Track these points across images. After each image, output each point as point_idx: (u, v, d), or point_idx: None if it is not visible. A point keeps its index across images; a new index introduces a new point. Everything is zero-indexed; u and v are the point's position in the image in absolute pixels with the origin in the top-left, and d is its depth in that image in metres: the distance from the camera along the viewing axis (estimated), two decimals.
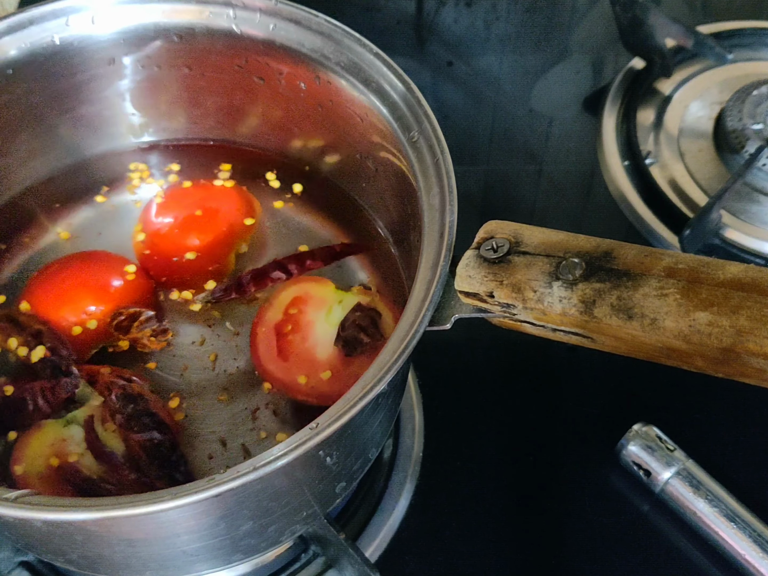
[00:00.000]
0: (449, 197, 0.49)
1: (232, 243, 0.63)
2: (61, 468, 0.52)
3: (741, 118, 0.81)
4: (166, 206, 0.65)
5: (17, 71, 0.59)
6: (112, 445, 0.53)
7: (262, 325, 0.58)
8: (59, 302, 0.59)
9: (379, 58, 0.55)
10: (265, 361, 0.57)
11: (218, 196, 0.65)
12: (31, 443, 0.53)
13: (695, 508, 0.60)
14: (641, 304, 0.41)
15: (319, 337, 0.57)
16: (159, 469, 0.52)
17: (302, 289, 0.59)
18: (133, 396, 0.55)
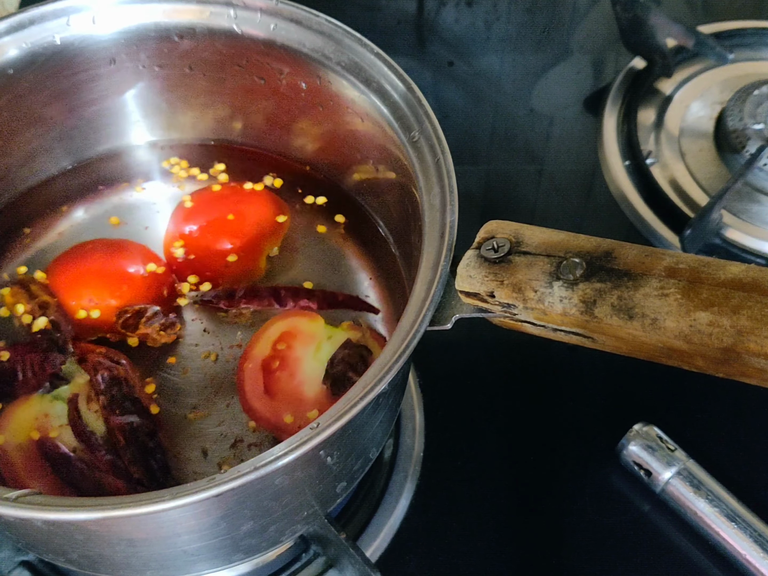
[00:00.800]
0: (450, 197, 0.49)
1: (263, 247, 0.63)
2: (41, 442, 0.53)
3: (742, 117, 0.81)
4: (195, 209, 0.64)
5: (18, 71, 0.59)
6: (93, 425, 0.54)
7: (249, 360, 0.56)
8: (72, 282, 0.60)
9: (379, 58, 0.55)
10: (251, 398, 0.55)
11: (248, 198, 0.65)
12: (15, 414, 0.54)
13: (696, 508, 0.60)
14: (642, 304, 0.41)
15: (307, 374, 0.55)
16: (134, 454, 0.53)
17: (291, 323, 0.57)
18: (118, 379, 0.55)
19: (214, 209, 0.64)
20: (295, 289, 0.60)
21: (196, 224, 0.63)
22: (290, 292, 0.60)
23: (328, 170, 0.66)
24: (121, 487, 0.52)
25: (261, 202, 0.65)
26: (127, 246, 0.62)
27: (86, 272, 0.60)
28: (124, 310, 0.58)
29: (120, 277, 0.60)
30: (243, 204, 0.64)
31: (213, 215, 0.64)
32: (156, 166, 0.68)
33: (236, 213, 0.63)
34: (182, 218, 0.64)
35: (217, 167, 0.67)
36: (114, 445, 0.53)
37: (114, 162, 0.68)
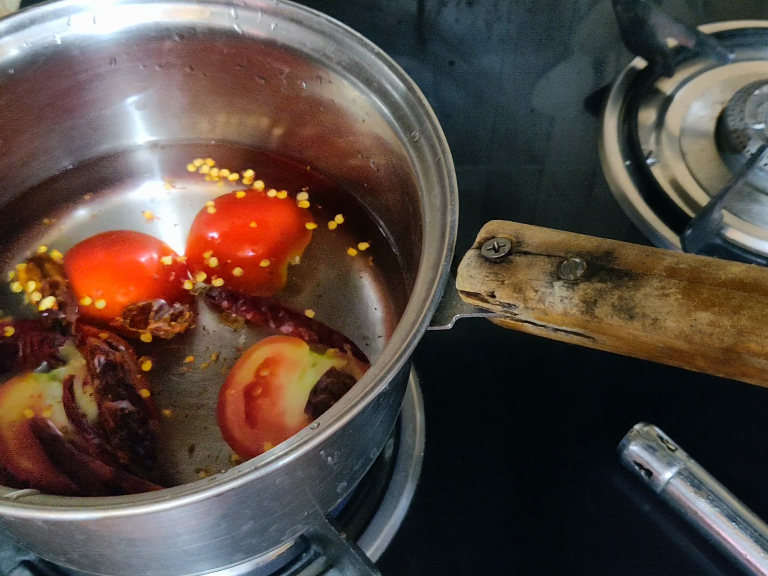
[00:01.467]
0: (450, 197, 0.49)
1: (285, 256, 0.62)
2: (34, 421, 0.54)
3: (742, 117, 0.81)
4: (218, 215, 0.64)
5: (19, 71, 0.59)
6: (86, 407, 0.54)
7: (231, 387, 0.55)
8: (84, 268, 0.61)
9: (380, 58, 0.55)
10: (231, 427, 0.54)
11: (272, 206, 0.65)
12: (11, 391, 0.55)
13: (696, 508, 0.60)
14: (642, 304, 0.41)
15: (290, 402, 0.54)
16: (123, 440, 0.53)
17: (276, 349, 0.56)
18: (114, 364, 0.56)
19: (237, 216, 0.64)
20: (296, 313, 0.59)
21: (219, 230, 0.63)
22: (289, 315, 0.59)
23: (329, 170, 0.66)
24: (106, 471, 0.52)
25: (284, 210, 0.65)
26: (146, 242, 0.63)
27: (99, 263, 0.61)
28: (129, 308, 0.59)
29: (130, 275, 0.60)
30: (267, 211, 0.64)
31: (236, 222, 0.63)
32: (156, 166, 0.68)
33: (260, 220, 0.63)
34: (205, 223, 0.64)
35: (247, 173, 0.67)
36: (104, 429, 0.54)
37: (115, 162, 0.68)
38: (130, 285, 0.60)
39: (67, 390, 0.55)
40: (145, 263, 0.61)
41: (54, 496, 0.40)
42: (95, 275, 0.61)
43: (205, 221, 0.64)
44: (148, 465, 0.53)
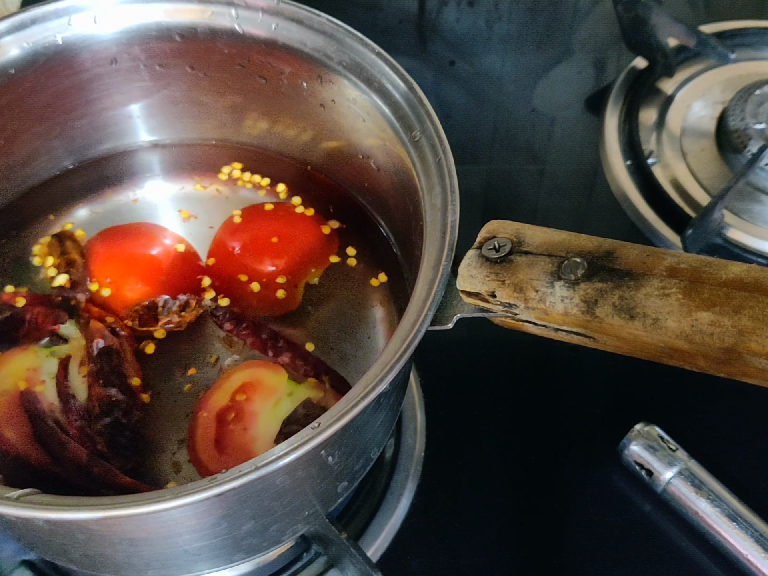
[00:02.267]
0: (451, 197, 0.49)
1: (303, 275, 0.62)
2: (25, 393, 0.54)
3: (743, 117, 0.81)
4: (243, 225, 0.64)
5: (19, 71, 0.59)
6: (77, 388, 0.55)
7: (205, 409, 0.55)
8: (102, 255, 0.62)
9: (381, 58, 0.55)
10: (199, 450, 0.53)
11: (298, 222, 0.64)
12: (10, 361, 0.56)
13: (697, 508, 0.60)
14: (643, 304, 0.41)
15: (261, 431, 0.53)
16: (105, 426, 0.53)
17: (255, 374, 0.56)
18: (110, 350, 0.56)
19: (261, 228, 0.63)
20: (296, 345, 0.58)
21: (241, 241, 0.63)
22: (288, 345, 0.58)
23: (329, 170, 0.66)
24: (82, 454, 0.52)
25: (310, 228, 0.64)
26: (168, 240, 0.63)
27: (116, 253, 0.62)
28: (135, 309, 0.59)
29: (142, 272, 0.61)
30: (292, 227, 0.64)
31: (259, 234, 0.63)
32: (158, 166, 0.69)
33: (284, 235, 0.63)
34: (229, 233, 0.63)
35: (280, 187, 0.66)
36: (89, 413, 0.54)
37: (115, 162, 0.68)
38: (140, 282, 0.60)
39: (61, 368, 0.56)
40: (161, 263, 0.62)
41: (55, 496, 0.40)
42: (109, 264, 0.61)
43: (229, 231, 0.64)
44: (125, 455, 0.53)
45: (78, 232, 0.63)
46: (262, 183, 0.67)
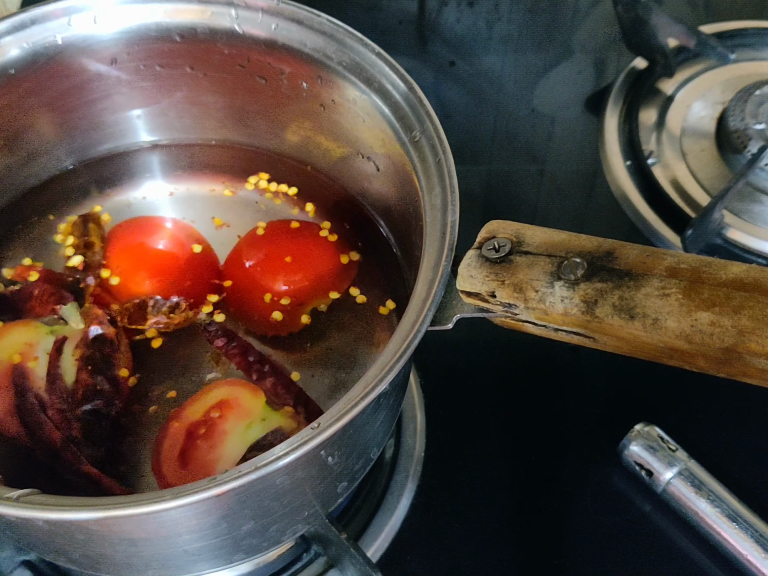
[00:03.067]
0: (451, 197, 0.49)
1: (310, 300, 0.60)
2: (17, 366, 0.55)
3: (743, 118, 0.81)
4: (265, 239, 0.63)
5: (19, 71, 0.59)
6: (66, 371, 0.55)
7: (177, 419, 0.54)
8: (120, 245, 0.62)
9: (381, 58, 0.55)
10: (163, 459, 0.52)
11: (317, 247, 0.62)
12: (11, 333, 0.57)
13: (697, 509, 0.60)
14: (643, 304, 0.41)
15: (227, 451, 0.52)
16: (84, 413, 0.54)
17: (234, 392, 0.55)
18: (104, 339, 0.56)
19: (280, 246, 0.62)
20: (281, 373, 0.57)
21: (256, 255, 0.61)
22: (273, 372, 0.57)
23: (329, 170, 0.66)
24: (56, 436, 0.52)
25: (329, 255, 0.62)
26: (188, 243, 0.62)
27: (133, 246, 0.62)
28: (125, 306, 0.59)
29: (152, 269, 0.61)
30: (310, 251, 0.62)
31: (276, 252, 0.61)
32: (158, 166, 0.69)
33: (300, 258, 0.61)
34: (247, 244, 0.63)
35: (309, 206, 0.65)
36: (72, 397, 0.54)
37: (115, 162, 0.68)
38: (148, 277, 0.60)
39: (55, 348, 0.56)
40: (175, 262, 0.61)
41: (55, 496, 0.40)
42: (124, 254, 0.62)
43: (248, 242, 0.63)
44: (98, 444, 0.53)
45: (104, 216, 0.64)
46: (290, 192, 0.66)
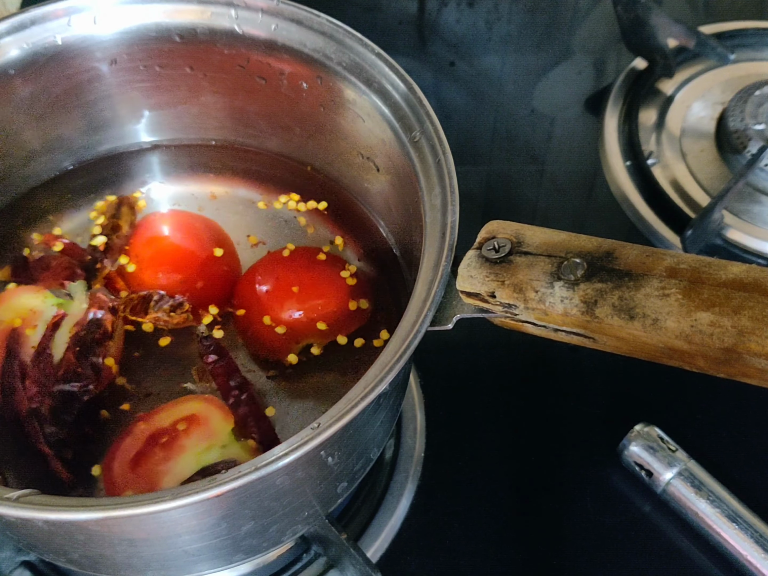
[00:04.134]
0: (451, 197, 0.49)
1: (305, 337, 0.58)
2: (15, 331, 0.56)
3: (743, 118, 0.81)
4: (285, 263, 0.61)
5: (19, 71, 0.59)
6: (57, 346, 0.56)
7: (145, 422, 0.54)
8: (145, 236, 0.62)
9: (381, 58, 0.55)
10: (116, 456, 0.52)
11: (331, 286, 0.60)
12: (20, 296, 0.58)
13: (697, 509, 0.60)
14: (643, 305, 0.41)
15: (178, 468, 0.51)
16: (58, 392, 0.54)
17: (206, 410, 0.54)
18: (100, 324, 0.56)
19: (296, 274, 0.60)
20: (256, 405, 0.55)
21: (269, 277, 0.60)
22: (248, 402, 0.55)
23: (329, 170, 0.66)
24: (22, 408, 0.53)
25: (340, 296, 0.60)
26: (211, 245, 0.62)
27: (157, 237, 0.62)
28: (130, 297, 0.59)
29: (169, 265, 0.61)
30: (322, 288, 0.60)
31: (289, 279, 0.59)
32: (158, 167, 0.69)
33: (309, 292, 0.59)
34: (267, 263, 0.61)
35: (338, 240, 0.64)
36: (53, 373, 0.54)
37: (115, 162, 0.68)
38: (162, 272, 0.60)
39: (53, 322, 0.56)
40: (194, 263, 0.61)
41: (54, 497, 0.40)
42: (147, 244, 0.62)
43: (269, 261, 0.62)
44: (62, 425, 0.53)
45: (140, 203, 0.65)
46: (319, 207, 0.65)
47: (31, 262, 0.61)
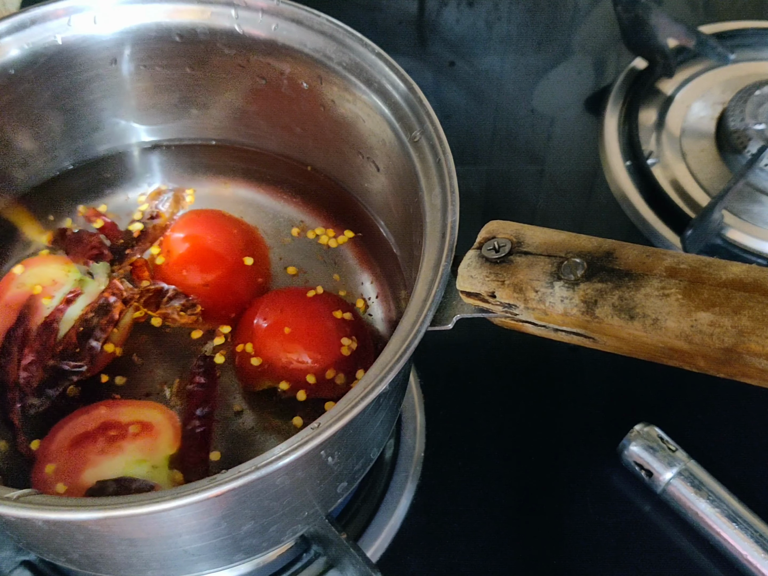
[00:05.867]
0: (451, 197, 0.49)
1: (276, 379, 0.56)
2: (32, 298, 0.57)
3: (743, 118, 0.81)
4: (294, 301, 0.59)
5: (19, 71, 0.59)
6: (65, 322, 0.57)
7: (109, 408, 0.53)
8: (182, 229, 0.62)
9: (381, 58, 0.55)
10: (62, 430, 0.52)
11: (323, 340, 0.57)
12: (48, 264, 0.59)
13: (697, 509, 0.60)
14: (643, 304, 0.41)
15: (105, 466, 0.51)
16: (51, 367, 0.55)
17: (162, 425, 0.53)
18: (108, 310, 0.57)
19: (302, 317, 0.57)
20: (204, 445, 0.54)
21: (272, 312, 0.57)
22: (200, 437, 0.54)
23: (329, 170, 0.66)
24: (11, 373, 0.54)
25: (330, 352, 0.56)
26: (242, 252, 0.61)
27: (192, 235, 0.62)
28: (147, 288, 0.59)
29: (196, 267, 0.60)
30: (315, 342, 0.56)
31: (288, 319, 0.57)
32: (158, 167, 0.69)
33: (302, 339, 0.56)
34: (279, 297, 0.59)
35: (360, 303, 0.61)
36: (52, 348, 0.55)
37: (115, 162, 0.68)
38: (188, 272, 0.60)
39: (67, 298, 0.57)
40: (221, 268, 0.60)
41: (54, 497, 0.40)
42: (180, 240, 0.62)
43: (283, 295, 0.60)
44: (44, 400, 0.54)
45: (188, 198, 0.65)
46: (339, 240, 0.64)
47: (69, 234, 0.62)
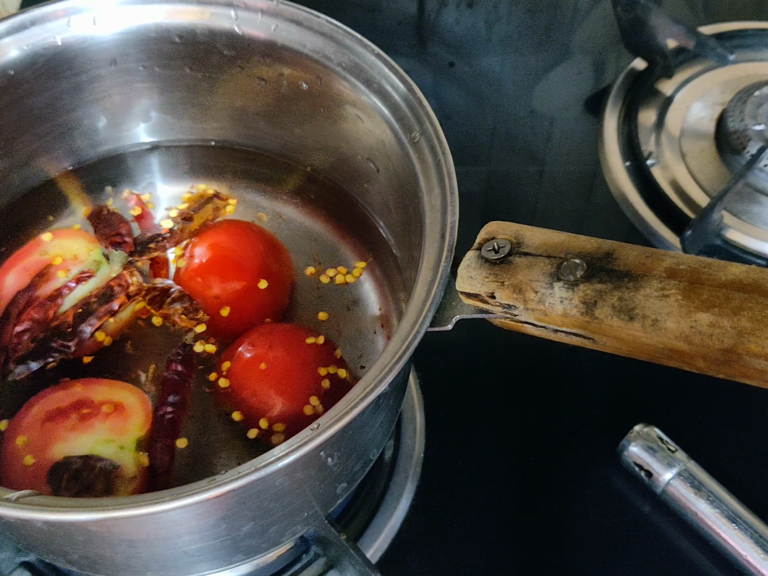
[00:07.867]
0: (451, 198, 0.49)
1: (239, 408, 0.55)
2: (48, 267, 0.58)
3: (743, 118, 0.81)
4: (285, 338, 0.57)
5: (19, 72, 0.59)
6: (71, 299, 0.57)
7: (85, 386, 0.53)
8: (210, 236, 0.62)
9: (380, 59, 0.55)
10: (38, 404, 0.52)
11: (302, 385, 0.55)
12: (73, 239, 0.60)
13: (697, 509, 0.60)
14: (642, 305, 0.41)
15: (74, 443, 0.51)
16: (41, 339, 0.55)
17: (134, 408, 0.53)
18: (110, 299, 0.57)
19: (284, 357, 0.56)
20: (173, 431, 0.54)
21: (259, 345, 0.56)
22: (170, 423, 0.53)
23: (329, 171, 0.66)
24: (4, 336, 0.55)
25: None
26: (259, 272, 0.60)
27: (217, 243, 0.61)
28: (154, 286, 0.59)
29: (213, 277, 0.60)
30: (294, 386, 0.55)
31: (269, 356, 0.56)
32: (158, 167, 0.69)
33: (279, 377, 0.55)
34: (277, 337, 0.57)
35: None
36: (49, 321, 0.56)
37: (115, 163, 0.68)
38: (203, 279, 0.59)
39: (78, 276, 0.58)
40: (237, 283, 0.59)
41: (54, 497, 0.40)
42: (205, 247, 0.61)
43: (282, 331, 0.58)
44: (24, 368, 0.55)
45: (229, 208, 0.65)
46: (347, 279, 0.62)
47: (104, 214, 0.63)
